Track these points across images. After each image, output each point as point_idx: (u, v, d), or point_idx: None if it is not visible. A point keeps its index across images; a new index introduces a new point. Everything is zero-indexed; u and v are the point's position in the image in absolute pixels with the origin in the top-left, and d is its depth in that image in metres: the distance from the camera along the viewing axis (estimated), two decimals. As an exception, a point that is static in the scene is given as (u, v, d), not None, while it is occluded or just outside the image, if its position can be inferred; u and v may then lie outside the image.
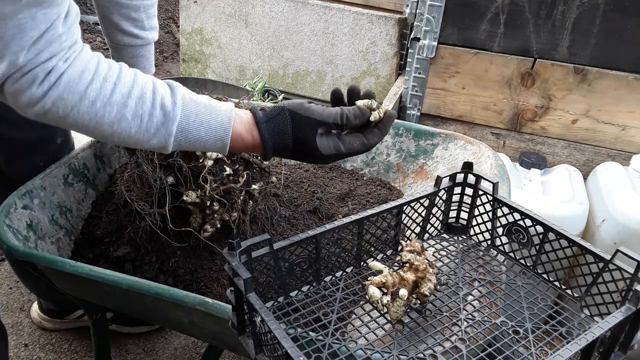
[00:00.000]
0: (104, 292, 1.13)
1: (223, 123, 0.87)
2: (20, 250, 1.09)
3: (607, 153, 2.07)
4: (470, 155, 1.45)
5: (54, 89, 0.76)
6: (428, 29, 2.11)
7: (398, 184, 1.58)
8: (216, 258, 1.24)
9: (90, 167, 1.45)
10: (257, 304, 0.75)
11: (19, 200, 1.22)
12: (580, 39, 1.94)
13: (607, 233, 1.73)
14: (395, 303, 0.92)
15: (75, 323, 1.79)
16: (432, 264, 0.99)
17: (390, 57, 2.55)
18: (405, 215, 1.08)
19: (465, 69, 2.13)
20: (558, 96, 2.05)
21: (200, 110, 0.86)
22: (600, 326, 0.73)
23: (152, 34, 1.29)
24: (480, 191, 1.10)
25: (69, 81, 0.77)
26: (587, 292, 0.94)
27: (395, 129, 1.62)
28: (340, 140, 0.93)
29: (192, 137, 0.86)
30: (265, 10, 2.67)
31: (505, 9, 1.99)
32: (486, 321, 0.91)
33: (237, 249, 0.81)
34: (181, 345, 1.78)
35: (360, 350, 0.84)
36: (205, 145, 0.88)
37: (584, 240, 0.93)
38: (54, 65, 0.75)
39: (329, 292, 0.98)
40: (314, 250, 0.95)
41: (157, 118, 0.83)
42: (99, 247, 1.32)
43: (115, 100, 0.80)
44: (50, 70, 0.75)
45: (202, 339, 1.47)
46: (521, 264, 1.06)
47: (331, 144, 0.92)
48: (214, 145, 0.88)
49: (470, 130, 2.24)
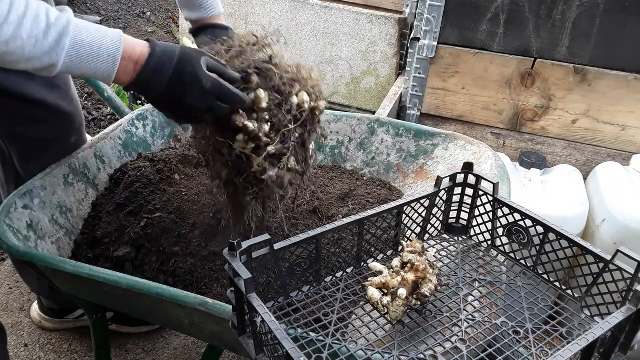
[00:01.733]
0: (104, 292, 1.13)
1: (114, 39, 0.92)
2: (20, 250, 1.09)
3: (607, 153, 2.07)
4: (470, 155, 1.45)
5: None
6: (428, 29, 2.11)
7: (398, 184, 1.58)
8: (217, 258, 1.24)
9: (91, 167, 1.45)
10: (257, 304, 0.75)
11: (19, 200, 1.21)
12: (580, 39, 1.94)
13: (607, 233, 1.73)
14: (395, 303, 0.92)
15: (75, 323, 1.79)
16: (433, 265, 0.99)
17: (390, 57, 2.55)
18: (405, 215, 1.08)
19: (465, 69, 2.13)
20: (558, 96, 2.05)
21: (90, 27, 0.92)
22: (601, 327, 0.73)
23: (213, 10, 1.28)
24: (481, 192, 1.11)
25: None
26: (588, 292, 0.94)
27: (395, 129, 1.62)
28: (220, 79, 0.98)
29: (85, 51, 0.90)
30: (265, 10, 2.67)
31: (505, 9, 1.99)
32: (487, 322, 0.91)
33: (237, 249, 0.81)
34: (181, 345, 1.78)
35: (360, 350, 0.84)
36: (97, 60, 0.91)
37: (584, 240, 0.93)
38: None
39: (330, 292, 0.98)
40: (314, 251, 0.95)
41: (52, 36, 0.87)
42: (99, 247, 1.32)
43: (11, 20, 0.83)
44: None
45: (202, 339, 1.47)
46: (521, 264, 1.06)
47: (212, 73, 0.97)
48: (105, 61, 0.91)
49: (470, 130, 2.24)
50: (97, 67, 0.92)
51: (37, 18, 0.86)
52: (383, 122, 1.64)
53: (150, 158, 1.53)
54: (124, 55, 0.93)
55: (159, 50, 0.96)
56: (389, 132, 1.63)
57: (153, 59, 0.95)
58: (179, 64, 0.95)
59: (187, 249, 1.25)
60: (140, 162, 1.50)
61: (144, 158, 1.54)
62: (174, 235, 1.28)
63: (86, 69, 0.92)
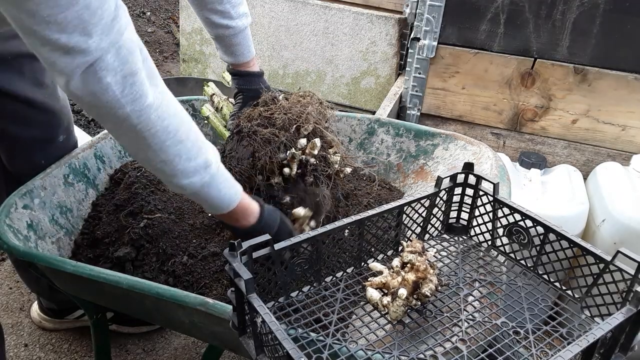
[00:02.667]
0: (105, 292, 1.13)
1: (237, 192, 1.04)
2: (20, 250, 1.09)
3: (607, 153, 2.07)
4: (470, 155, 1.45)
5: (147, 109, 0.85)
6: (428, 29, 2.11)
7: (398, 184, 1.58)
8: (217, 258, 1.24)
9: (91, 167, 1.45)
10: (258, 304, 0.75)
11: (19, 200, 1.21)
12: (580, 39, 1.94)
13: (607, 233, 1.73)
14: (395, 303, 0.92)
15: (75, 323, 1.79)
16: (433, 265, 0.99)
17: (390, 57, 2.55)
18: (405, 215, 1.08)
19: (465, 69, 2.13)
20: (558, 96, 2.05)
21: (227, 175, 1.03)
22: (601, 327, 0.73)
23: (241, 21, 1.32)
24: (481, 192, 1.11)
25: (159, 105, 0.86)
26: (588, 293, 0.94)
27: (395, 129, 1.62)
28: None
29: (214, 193, 1.00)
30: (265, 10, 2.67)
31: (505, 9, 1.99)
32: (487, 322, 0.91)
33: (238, 249, 0.81)
34: (181, 345, 1.78)
35: (361, 350, 0.84)
36: (215, 204, 1.02)
37: (584, 240, 0.93)
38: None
39: (330, 292, 0.98)
40: (314, 251, 0.95)
41: (200, 167, 0.95)
42: (99, 247, 1.32)
43: (182, 139, 0.91)
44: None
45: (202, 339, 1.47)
46: (522, 264, 1.06)
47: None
48: (220, 207, 1.03)
49: (470, 130, 2.24)
50: (212, 208, 1.04)
51: (200, 149, 0.95)
52: (383, 122, 1.64)
53: (150, 158, 1.52)
54: (233, 212, 1.05)
55: (262, 223, 1.09)
56: (389, 132, 1.63)
57: (253, 231, 1.07)
58: (278, 231, 1.10)
59: (187, 249, 1.26)
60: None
61: (144, 158, 1.54)
62: (174, 235, 1.29)
63: (204, 203, 1.03)
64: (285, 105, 1.25)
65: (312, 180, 1.24)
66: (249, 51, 1.36)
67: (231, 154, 1.24)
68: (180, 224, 1.32)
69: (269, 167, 1.20)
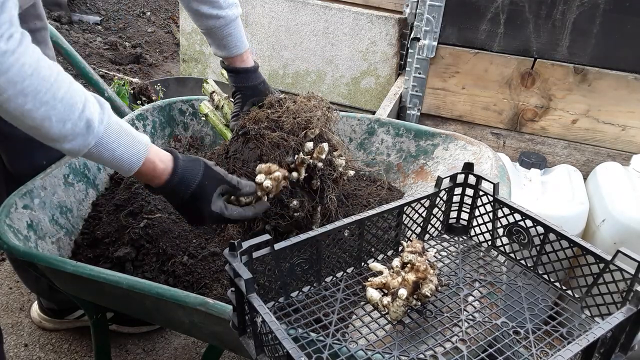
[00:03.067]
0: (105, 292, 1.13)
1: (139, 153, 0.96)
2: (20, 250, 1.09)
3: (607, 153, 2.07)
4: (470, 155, 1.45)
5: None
6: (428, 29, 2.11)
7: (398, 184, 1.58)
8: (217, 258, 1.24)
9: (91, 167, 1.45)
10: (258, 304, 0.75)
11: (19, 200, 1.21)
12: (580, 39, 1.94)
13: (607, 233, 1.73)
14: (395, 303, 0.92)
15: (75, 323, 1.79)
16: (433, 265, 0.99)
17: (390, 57, 2.55)
18: (406, 215, 1.08)
19: (465, 69, 2.13)
20: (558, 96, 2.05)
21: (121, 132, 0.94)
22: (601, 327, 0.73)
23: (231, 11, 1.30)
24: (481, 192, 1.10)
25: (8, 68, 0.78)
26: (588, 292, 0.94)
27: (395, 129, 1.62)
28: (226, 207, 1.09)
29: (107, 155, 0.93)
30: (265, 10, 2.67)
31: (505, 9, 1.99)
32: (487, 322, 0.91)
33: (238, 249, 0.81)
34: (181, 345, 1.78)
35: (361, 350, 0.84)
36: (114, 166, 0.96)
37: (584, 240, 0.93)
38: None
39: (330, 292, 0.98)
40: (314, 251, 0.95)
41: (80, 128, 0.88)
42: (99, 247, 1.32)
43: (46, 100, 0.83)
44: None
45: (202, 339, 1.47)
46: (522, 264, 1.06)
47: (220, 204, 1.08)
48: (120, 168, 0.96)
49: (470, 131, 2.24)
50: (113, 168, 0.98)
51: (72, 106, 0.86)
52: (383, 122, 1.64)
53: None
54: (142, 171, 0.99)
55: (175, 181, 1.03)
56: (389, 132, 1.63)
57: (167, 188, 1.03)
58: (189, 199, 1.05)
59: (187, 249, 1.26)
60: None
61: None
62: (174, 235, 1.29)
63: (105, 165, 0.99)
64: (293, 108, 1.25)
65: (319, 184, 1.24)
66: (241, 42, 1.33)
67: (236, 156, 1.23)
68: (180, 224, 1.32)
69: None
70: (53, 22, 3.56)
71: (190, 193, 1.04)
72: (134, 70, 3.61)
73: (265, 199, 1.17)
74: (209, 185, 1.05)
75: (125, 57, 3.67)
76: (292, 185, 1.22)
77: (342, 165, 1.28)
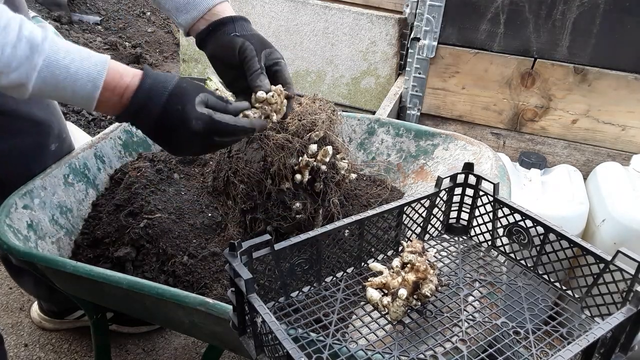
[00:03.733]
0: (105, 292, 1.13)
1: (97, 63, 0.83)
2: (20, 250, 1.09)
3: (607, 153, 2.07)
4: (470, 155, 1.45)
5: None
6: (428, 29, 2.11)
7: (398, 184, 1.58)
8: (217, 258, 1.24)
9: (91, 167, 1.45)
10: (258, 304, 0.75)
11: (19, 200, 1.21)
12: (580, 39, 1.94)
13: (607, 233, 1.73)
14: (395, 303, 0.92)
15: (75, 323, 1.79)
16: (433, 265, 0.99)
17: (390, 57, 2.55)
18: (406, 215, 1.08)
19: (465, 69, 2.13)
20: (558, 96, 2.05)
21: (71, 48, 0.82)
22: (601, 327, 0.73)
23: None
24: (481, 192, 1.11)
25: None
26: (588, 293, 0.94)
27: (395, 129, 1.62)
28: (214, 112, 0.91)
29: (61, 73, 0.80)
30: (265, 10, 2.67)
31: (505, 9, 1.99)
32: (487, 322, 0.91)
33: (238, 249, 0.81)
34: (181, 345, 1.78)
35: (361, 350, 0.84)
36: (74, 84, 0.82)
37: (584, 240, 0.93)
38: None
39: (330, 292, 0.98)
40: (315, 251, 0.95)
41: (22, 50, 0.78)
42: (99, 247, 1.32)
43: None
44: None
45: (202, 339, 1.47)
46: (522, 264, 1.06)
47: (204, 110, 0.90)
48: (83, 86, 0.82)
49: (470, 131, 2.24)
50: (75, 92, 0.83)
51: (5, 28, 0.76)
52: (383, 122, 1.64)
53: (150, 158, 1.53)
54: (108, 83, 0.84)
55: (149, 83, 0.87)
56: (389, 132, 1.63)
57: (140, 93, 0.86)
58: (168, 102, 0.87)
59: (187, 249, 1.26)
60: (141, 162, 1.50)
61: (144, 158, 1.54)
62: (174, 235, 1.29)
63: (62, 93, 0.83)
64: (298, 110, 1.24)
65: (321, 186, 1.24)
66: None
67: (238, 155, 1.23)
68: (180, 224, 1.32)
69: (283, 173, 1.20)
70: (53, 22, 3.55)
71: (168, 92, 0.87)
72: (134, 70, 3.61)
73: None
74: (187, 87, 0.89)
75: (125, 57, 3.68)
76: (295, 188, 1.22)
77: (345, 168, 1.29)
